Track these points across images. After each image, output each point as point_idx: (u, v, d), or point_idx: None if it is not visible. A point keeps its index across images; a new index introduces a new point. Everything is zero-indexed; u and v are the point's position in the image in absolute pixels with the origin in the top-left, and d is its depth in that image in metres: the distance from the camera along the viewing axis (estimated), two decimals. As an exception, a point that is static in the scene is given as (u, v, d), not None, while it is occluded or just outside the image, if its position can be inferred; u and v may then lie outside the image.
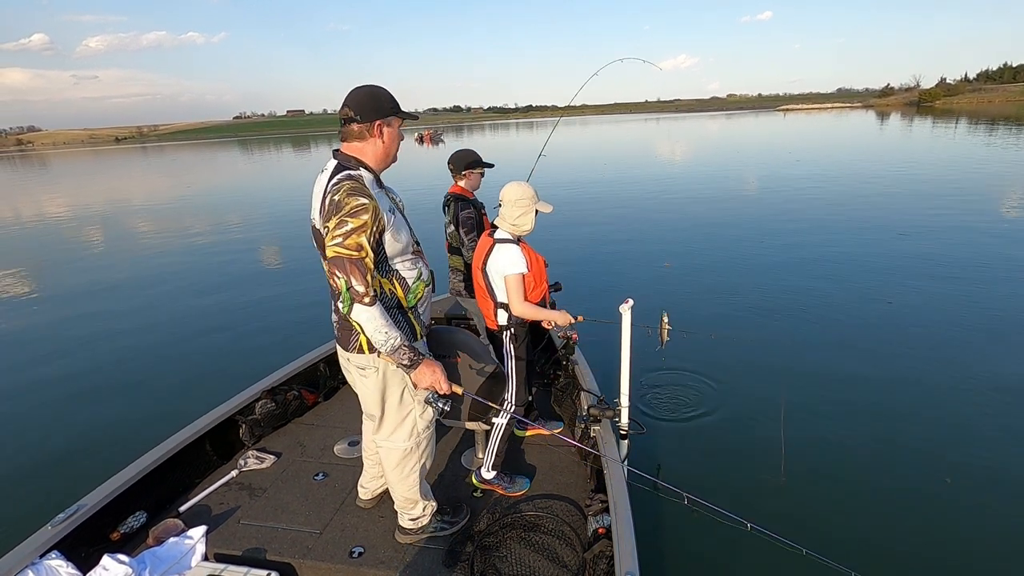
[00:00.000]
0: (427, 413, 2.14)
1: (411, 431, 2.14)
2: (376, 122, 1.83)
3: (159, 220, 15.19)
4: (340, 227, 1.69)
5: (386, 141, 1.88)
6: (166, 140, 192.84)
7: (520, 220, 2.52)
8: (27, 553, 2.04)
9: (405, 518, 2.30)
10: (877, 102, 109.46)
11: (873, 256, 7.69)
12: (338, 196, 1.71)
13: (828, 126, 45.77)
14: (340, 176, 1.77)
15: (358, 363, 2.00)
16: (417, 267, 1.99)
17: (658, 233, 10.07)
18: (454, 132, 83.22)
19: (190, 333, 6.23)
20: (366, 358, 1.96)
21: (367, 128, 1.83)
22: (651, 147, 32.22)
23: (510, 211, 2.52)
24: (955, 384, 4.25)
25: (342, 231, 1.69)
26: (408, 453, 2.16)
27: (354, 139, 1.84)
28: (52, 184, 31.79)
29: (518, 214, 2.51)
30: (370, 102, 1.83)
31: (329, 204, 1.73)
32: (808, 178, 15.49)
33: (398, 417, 2.11)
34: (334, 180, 1.77)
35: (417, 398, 2.09)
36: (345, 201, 1.70)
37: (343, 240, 1.69)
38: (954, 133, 29.92)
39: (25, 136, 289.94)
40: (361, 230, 1.70)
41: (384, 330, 1.78)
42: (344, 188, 1.72)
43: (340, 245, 1.69)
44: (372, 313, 1.75)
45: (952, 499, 3.09)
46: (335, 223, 1.70)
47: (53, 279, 9.20)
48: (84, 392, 4.91)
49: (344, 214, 1.69)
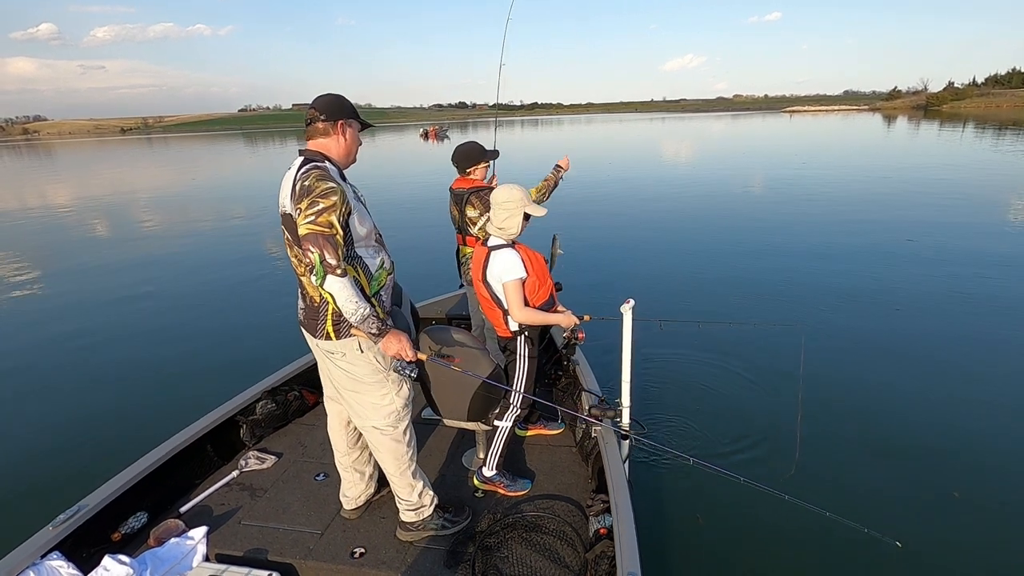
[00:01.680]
0: (403, 391, 2.22)
1: (390, 409, 2.20)
2: (339, 121, 1.99)
3: (163, 212, 15.22)
4: (312, 206, 1.81)
5: (347, 139, 2.03)
6: (171, 132, 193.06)
7: (506, 223, 2.45)
8: (28, 554, 2.04)
9: (405, 508, 2.31)
10: (884, 105, 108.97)
11: (879, 260, 7.67)
12: (308, 181, 1.84)
13: (834, 128, 45.61)
14: (308, 167, 1.90)
15: (327, 348, 2.09)
16: (380, 255, 2.09)
17: (659, 233, 10.07)
18: (459, 128, 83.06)
19: (191, 331, 6.23)
20: (334, 343, 2.05)
21: (331, 126, 1.99)
22: (656, 147, 32.13)
23: (496, 214, 2.47)
24: (961, 387, 4.25)
25: (314, 210, 1.81)
26: (392, 430, 2.22)
27: (319, 136, 1.99)
28: (55, 174, 31.84)
29: (503, 217, 2.44)
30: (334, 104, 2.00)
31: (300, 189, 1.85)
32: (815, 180, 15.44)
33: (373, 397, 2.18)
34: (302, 170, 1.89)
35: (391, 377, 2.16)
36: (315, 185, 1.82)
37: (316, 218, 1.81)
38: (960, 138, 29.77)
39: (31, 125, 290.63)
40: (332, 209, 1.82)
41: (355, 299, 1.89)
42: (313, 175, 1.85)
43: (313, 223, 1.81)
44: (344, 283, 1.86)
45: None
46: (307, 203, 1.81)
47: (53, 274, 9.18)
48: (84, 392, 4.90)
49: (315, 195, 1.81)
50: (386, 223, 3.42)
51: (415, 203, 14.42)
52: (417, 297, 3.06)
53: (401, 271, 2.42)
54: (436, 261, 6.96)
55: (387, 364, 2.13)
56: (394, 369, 2.07)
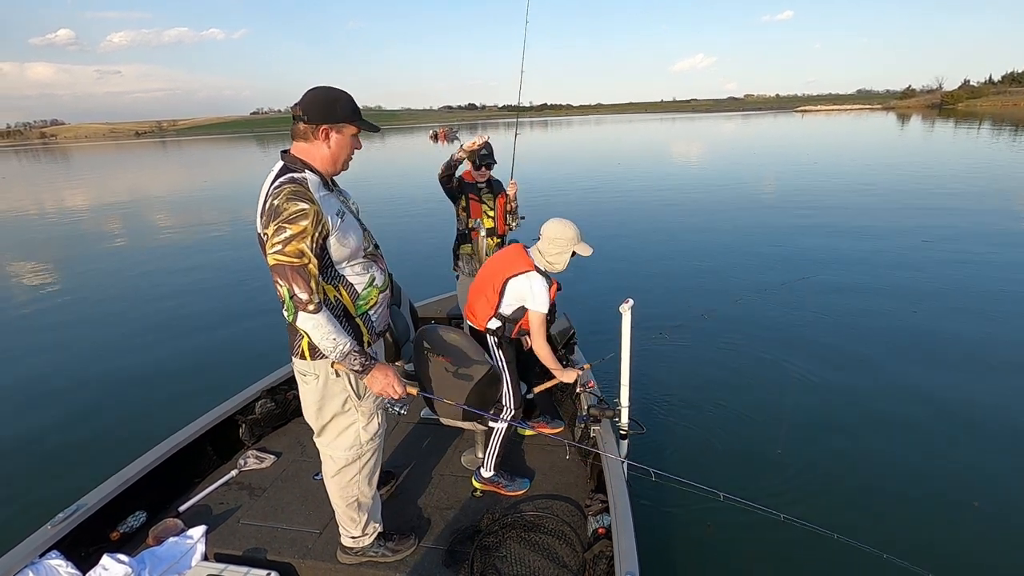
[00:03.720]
0: (371, 425, 2.05)
1: (353, 441, 2.05)
2: (322, 126, 1.75)
3: (170, 214, 15.36)
4: (279, 233, 1.64)
5: (332, 147, 1.79)
6: (184, 135, 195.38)
7: (555, 259, 2.53)
8: (27, 553, 2.05)
9: (345, 535, 2.23)
10: (897, 104, 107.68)
11: (894, 260, 7.58)
12: (277, 200, 1.66)
13: (846, 128, 45.16)
14: (283, 179, 1.71)
15: (299, 368, 1.96)
16: (369, 272, 1.92)
17: (660, 233, 10.04)
18: (468, 130, 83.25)
19: (191, 330, 6.26)
20: (307, 364, 1.91)
21: (312, 130, 1.75)
22: (663, 148, 32.00)
23: (547, 247, 2.53)
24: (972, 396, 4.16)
25: (281, 238, 1.64)
26: (348, 464, 2.08)
27: (300, 139, 1.78)
28: (71, 178, 32.28)
29: (554, 252, 2.52)
30: (322, 105, 1.75)
31: (268, 208, 1.67)
32: (827, 180, 15.28)
33: (339, 426, 2.03)
34: (276, 183, 1.71)
35: (361, 409, 2.01)
36: (284, 207, 1.64)
37: (283, 247, 1.64)
38: (977, 136, 29.36)
39: (49, 129, 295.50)
40: (301, 236, 1.65)
41: (332, 336, 1.73)
42: (284, 192, 1.66)
43: (280, 252, 1.65)
44: (317, 320, 1.71)
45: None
46: (273, 229, 1.64)
47: (56, 272, 9.30)
48: (84, 391, 4.93)
49: (282, 220, 1.64)
50: (388, 222, 3.45)
51: (418, 203, 14.44)
52: (417, 297, 3.06)
53: (401, 271, 2.42)
54: (436, 261, 6.98)
55: (361, 392, 1.99)
56: (382, 406, 1.95)
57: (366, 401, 2.01)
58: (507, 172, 3.79)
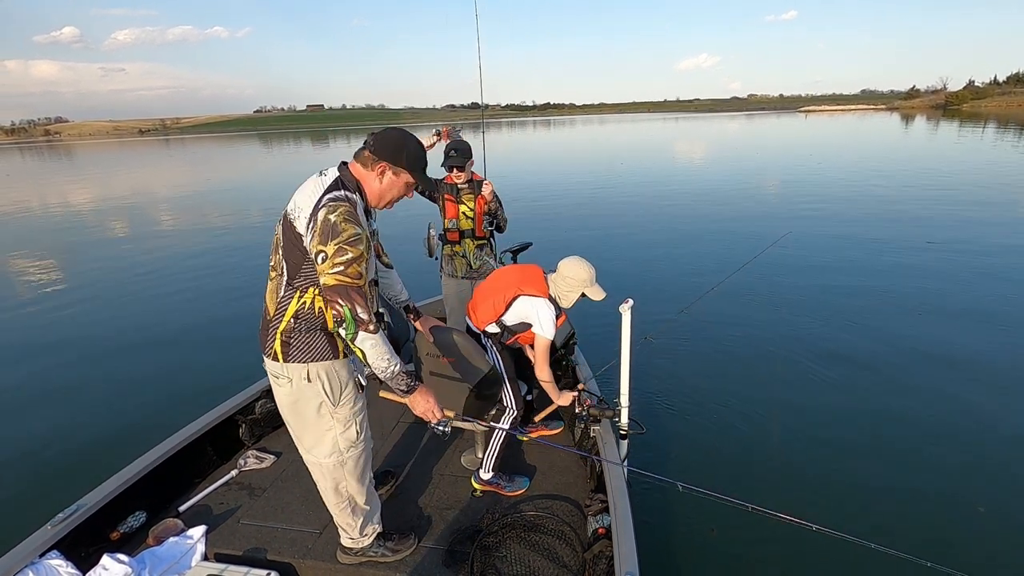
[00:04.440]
0: (349, 433, 2.03)
1: (331, 448, 2.03)
2: (382, 163, 1.84)
3: (176, 212, 15.40)
4: (341, 255, 1.68)
5: (382, 184, 1.87)
6: (188, 133, 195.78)
7: (564, 295, 2.62)
8: (27, 553, 2.05)
9: (345, 536, 2.24)
10: (902, 104, 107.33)
11: (897, 261, 7.57)
12: (334, 217, 1.70)
13: (850, 128, 45.04)
14: (337, 195, 1.75)
15: (271, 370, 1.95)
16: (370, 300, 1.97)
17: (661, 232, 10.03)
18: (472, 128, 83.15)
19: (191, 329, 6.27)
20: (279, 366, 1.90)
21: (372, 161, 1.84)
22: (668, 148, 31.95)
23: (559, 282, 2.61)
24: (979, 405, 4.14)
25: (343, 259, 1.68)
26: (332, 470, 2.07)
27: (361, 164, 1.86)
28: (73, 175, 32.35)
29: (564, 289, 2.61)
30: (391, 145, 1.85)
31: (323, 222, 1.70)
32: (831, 180, 15.28)
33: (316, 431, 2.01)
34: (331, 195, 1.75)
35: (337, 416, 1.98)
36: (343, 227, 1.69)
37: (345, 268, 1.69)
38: (981, 136, 29.25)
39: (53, 127, 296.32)
40: (360, 259, 1.71)
41: (387, 356, 1.80)
42: (341, 211, 1.71)
43: (343, 273, 1.69)
44: (376, 340, 1.76)
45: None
46: (334, 249, 1.68)
47: (58, 271, 9.31)
48: (84, 390, 4.93)
49: (343, 241, 1.68)
50: (390, 222, 3.45)
51: (419, 202, 14.43)
52: (417, 296, 3.06)
53: (401, 270, 2.42)
54: (436, 260, 6.95)
55: (336, 400, 1.96)
56: (431, 428, 2.00)
57: (341, 408, 1.98)
58: (480, 173, 3.77)
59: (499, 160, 27.07)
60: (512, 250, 3.88)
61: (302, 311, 1.85)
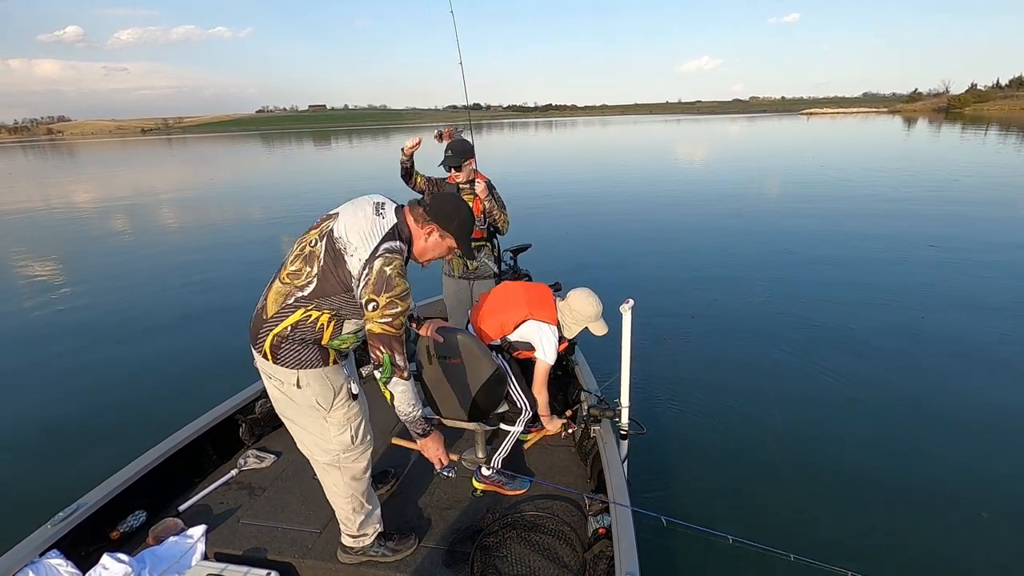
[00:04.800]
0: (344, 436, 2.05)
1: (326, 450, 2.06)
2: (432, 224, 1.92)
3: (178, 211, 15.42)
4: (391, 307, 1.79)
5: (428, 243, 1.96)
6: (190, 132, 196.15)
7: (570, 326, 2.68)
8: (27, 552, 2.05)
9: (346, 533, 2.25)
10: (904, 107, 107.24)
11: (898, 265, 7.55)
12: (389, 270, 1.78)
13: (851, 131, 45.03)
14: (393, 245, 1.83)
15: (261, 366, 1.97)
16: (362, 332, 1.96)
17: (662, 232, 10.04)
18: (474, 129, 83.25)
19: (191, 329, 6.28)
20: (269, 365, 1.92)
21: (424, 220, 1.92)
22: (670, 150, 31.96)
23: (564, 314, 2.66)
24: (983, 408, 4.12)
25: (393, 311, 1.79)
26: (329, 467, 2.10)
27: (415, 217, 1.93)
28: (74, 173, 32.41)
29: (570, 321, 2.66)
30: (445, 210, 1.93)
31: (378, 273, 1.78)
32: (832, 183, 15.27)
33: (310, 434, 2.05)
34: (387, 245, 1.81)
35: (331, 420, 2.01)
36: (396, 281, 1.78)
37: (392, 320, 1.80)
38: (983, 141, 29.23)
39: (55, 126, 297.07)
40: (405, 312, 1.83)
41: (412, 402, 1.91)
42: (396, 264, 1.80)
43: (390, 324, 1.80)
44: (407, 386, 1.88)
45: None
46: (386, 301, 1.78)
47: (58, 269, 9.32)
48: (82, 390, 4.93)
49: (395, 295, 1.78)
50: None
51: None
52: (418, 296, 3.06)
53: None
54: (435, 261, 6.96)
55: (328, 405, 1.99)
56: (438, 472, 2.09)
57: (335, 413, 2.01)
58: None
59: (500, 160, 27.16)
60: (512, 250, 3.89)
61: (303, 324, 1.86)
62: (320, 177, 24.62)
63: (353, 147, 49.69)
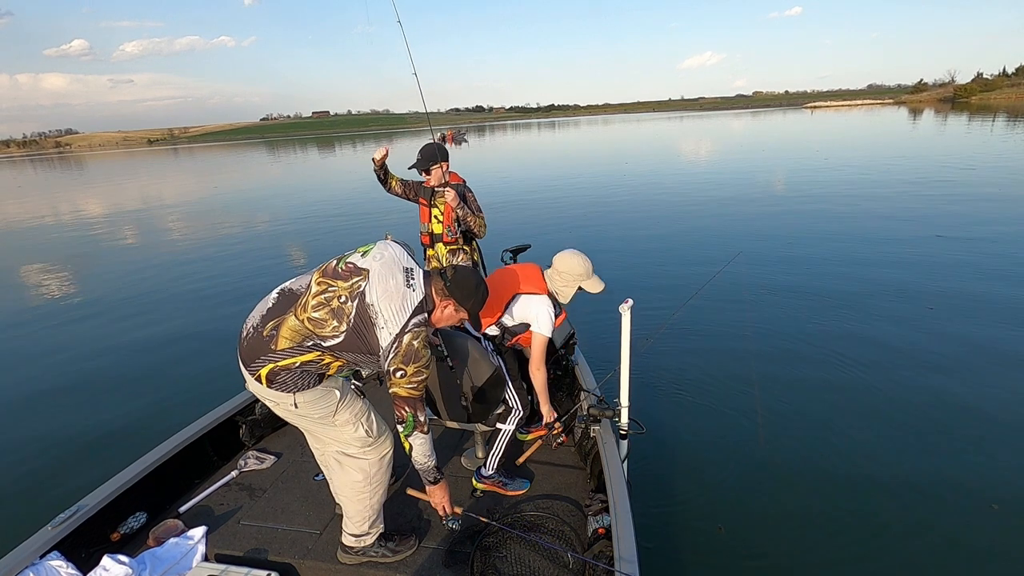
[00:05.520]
0: (359, 432, 2.14)
1: (345, 441, 2.15)
2: (449, 301, 2.02)
3: (183, 219, 15.51)
4: (417, 375, 1.92)
5: (443, 314, 2.05)
6: (196, 142, 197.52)
7: (561, 290, 2.60)
8: (27, 554, 2.07)
9: (348, 533, 2.26)
10: (909, 98, 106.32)
11: (905, 257, 7.48)
12: (417, 344, 1.90)
13: (856, 123, 44.70)
14: (420, 319, 1.94)
15: (254, 389, 2.01)
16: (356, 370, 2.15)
17: (663, 232, 10.00)
18: (476, 131, 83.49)
19: (192, 331, 6.31)
20: (263, 389, 1.97)
21: (443, 296, 2.02)
22: (672, 146, 31.87)
23: (553, 278, 2.59)
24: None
25: (418, 379, 1.93)
26: (352, 460, 2.18)
27: (437, 290, 2.02)
28: (87, 184, 32.73)
29: (560, 284, 2.59)
30: (465, 289, 2.03)
31: (407, 346, 1.89)
32: (839, 175, 15.17)
33: (325, 435, 2.16)
34: (416, 320, 1.91)
35: (338, 422, 2.10)
36: (422, 353, 1.91)
37: (417, 386, 1.94)
38: (991, 130, 28.94)
39: (63, 139, 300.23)
40: (427, 378, 1.98)
41: (428, 453, 2.04)
42: (422, 337, 1.92)
43: (414, 388, 1.94)
44: (425, 439, 2.02)
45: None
46: (413, 370, 1.91)
47: (61, 274, 9.42)
48: (83, 391, 4.97)
49: (421, 365, 1.92)
50: (392, 220, 3.48)
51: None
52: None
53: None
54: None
55: (332, 410, 2.07)
56: (443, 522, 2.20)
57: (341, 414, 2.09)
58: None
59: (500, 160, 27.14)
60: (511, 250, 3.89)
61: (314, 363, 1.93)
62: (324, 182, 24.70)
63: (357, 151, 49.91)
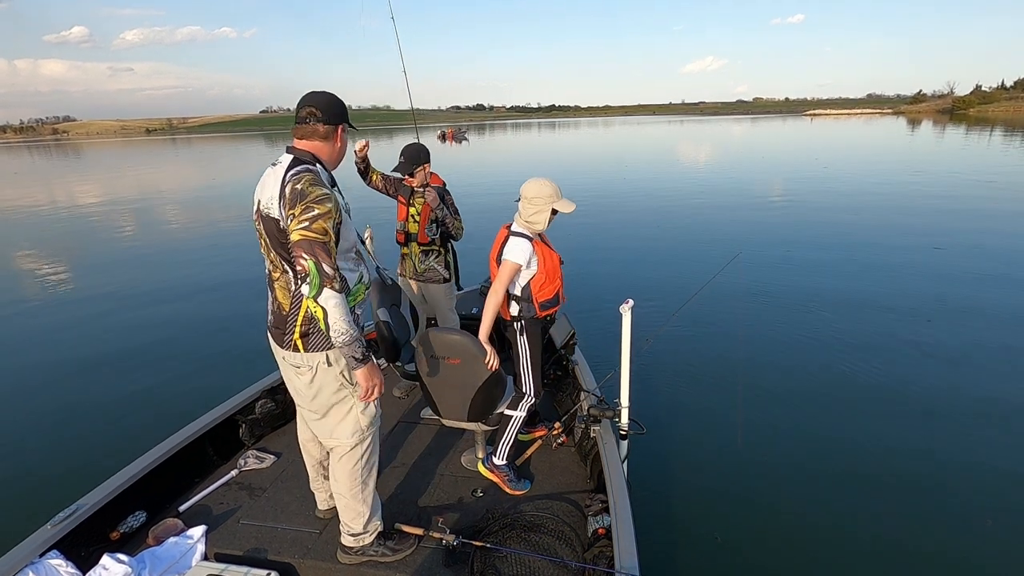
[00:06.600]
0: (369, 409, 2.15)
1: (354, 427, 2.13)
2: (340, 126, 1.95)
3: (181, 211, 15.44)
4: (306, 212, 1.75)
5: (341, 144, 2.00)
6: (195, 132, 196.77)
7: (533, 217, 2.49)
8: (27, 552, 2.06)
9: (347, 533, 2.25)
10: (908, 109, 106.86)
11: (904, 268, 7.51)
12: (300, 185, 1.78)
13: (855, 132, 44.93)
14: (299, 169, 1.84)
15: (293, 361, 2.02)
16: (359, 269, 2.05)
17: (663, 233, 10.03)
18: (476, 130, 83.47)
19: (192, 330, 6.28)
20: (300, 356, 1.98)
21: (332, 130, 1.93)
22: (672, 151, 31.95)
23: (525, 207, 2.51)
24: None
25: (309, 215, 1.75)
26: (352, 449, 2.15)
27: (317, 138, 1.92)
28: (84, 172, 32.54)
29: (532, 211, 2.48)
30: (335, 107, 1.94)
31: (291, 193, 1.78)
32: (837, 184, 15.23)
33: (339, 414, 2.12)
34: (293, 171, 1.83)
35: (357, 394, 2.09)
36: (309, 190, 1.77)
37: (310, 224, 1.75)
38: (988, 142, 29.12)
39: (61, 126, 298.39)
40: (327, 216, 1.77)
41: (348, 319, 1.81)
42: (305, 179, 1.80)
43: (307, 228, 1.75)
44: (340, 299, 1.78)
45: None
46: (301, 209, 1.76)
47: (58, 269, 9.34)
48: (83, 390, 4.94)
49: (309, 200, 1.76)
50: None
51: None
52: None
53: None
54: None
55: (353, 378, 2.05)
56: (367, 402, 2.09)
57: (358, 388, 2.07)
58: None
59: (500, 160, 27.13)
60: None
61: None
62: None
63: (352, 149, 49.76)
